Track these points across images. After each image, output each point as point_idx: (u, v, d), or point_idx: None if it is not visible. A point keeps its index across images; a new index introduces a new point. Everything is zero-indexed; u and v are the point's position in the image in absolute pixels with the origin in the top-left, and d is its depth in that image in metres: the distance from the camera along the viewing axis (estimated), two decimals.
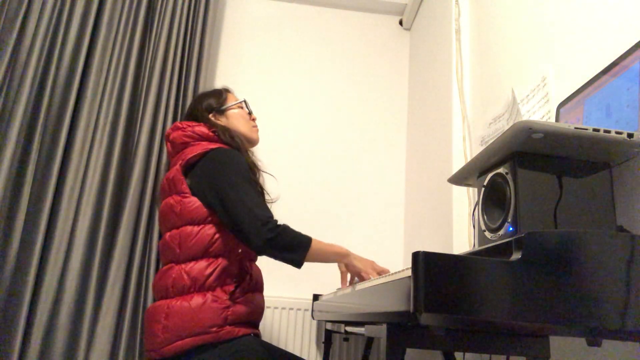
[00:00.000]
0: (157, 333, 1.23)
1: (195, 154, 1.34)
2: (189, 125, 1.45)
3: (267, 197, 1.49)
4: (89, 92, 2.20)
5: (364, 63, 2.66)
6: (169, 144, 1.50)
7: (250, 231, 1.22)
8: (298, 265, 1.27)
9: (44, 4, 2.24)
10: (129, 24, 2.31)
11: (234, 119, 1.56)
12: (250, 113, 1.63)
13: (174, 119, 2.25)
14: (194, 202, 1.31)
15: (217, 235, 1.30)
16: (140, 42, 2.30)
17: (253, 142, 1.60)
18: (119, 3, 2.33)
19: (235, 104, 1.59)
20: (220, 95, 1.61)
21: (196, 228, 1.30)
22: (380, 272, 1.34)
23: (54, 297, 1.97)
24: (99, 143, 2.16)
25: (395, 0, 2.67)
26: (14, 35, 2.19)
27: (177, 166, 1.36)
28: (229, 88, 1.69)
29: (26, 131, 2.11)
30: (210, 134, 1.44)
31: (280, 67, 2.58)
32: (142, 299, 2.04)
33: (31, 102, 2.14)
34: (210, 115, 1.54)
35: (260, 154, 2.39)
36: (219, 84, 2.50)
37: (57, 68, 2.18)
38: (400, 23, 2.74)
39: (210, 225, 1.30)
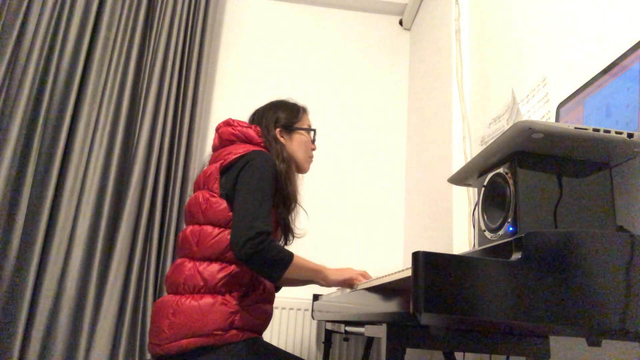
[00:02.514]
0: (163, 328, 1.23)
1: (236, 155, 1.33)
2: (240, 125, 1.44)
3: (295, 231, 1.48)
4: (89, 92, 2.21)
5: (364, 63, 2.66)
6: (216, 135, 1.49)
7: (236, 241, 1.21)
8: (274, 281, 1.26)
9: (44, 4, 2.24)
10: (129, 24, 2.32)
11: (297, 143, 1.51)
12: (313, 141, 1.58)
13: (174, 119, 2.25)
14: (221, 203, 1.31)
15: None
16: (140, 42, 2.30)
17: (302, 171, 1.56)
18: (119, 3, 2.33)
19: (305, 129, 1.53)
20: (297, 113, 1.54)
21: (217, 230, 1.29)
22: (363, 275, 1.33)
23: (54, 297, 1.97)
24: (99, 143, 2.16)
25: (395, 0, 2.67)
26: (14, 35, 2.19)
27: (217, 164, 1.36)
28: (307, 109, 1.60)
29: (26, 131, 2.11)
30: (258, 138, 1.43)
31: (280, 67, 2.58)
32: (142, 299, 2.04)
33: (31, 102, 2.14)
34: (277, 130, 1.48)
35: None
36: (219, 84, 2.51)
37: (57, 68, 2.19)
38: (400, 23, 2.74)
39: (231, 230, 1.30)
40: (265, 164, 1.32)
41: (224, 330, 1.21)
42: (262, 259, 1.21)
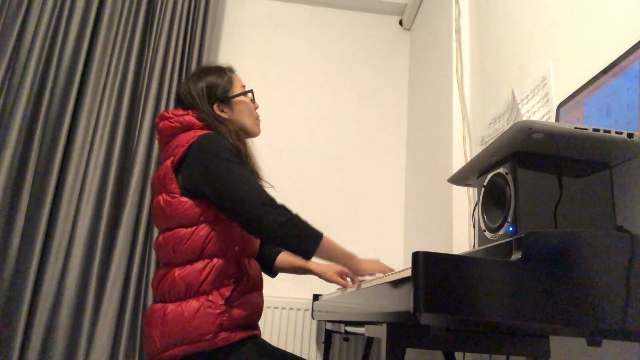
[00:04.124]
0: (154, 339, 1.20)
1: (183, 149, 1.26)
2: (175, 115, 1.34)
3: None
4: (89, 92, 2.21)
5: (364, 63, 2.66)
6: (157, 132, 1.41)
7: (261, 213, 1.14)
8: (309, 255, 1.18)
9: (44, 4, 2.24)
10: (129, 24, 2.32)
11: (239, 111, 1.39)
12: (253, 101, 1.45)
13: None
14: (184, 203, 1.24)
15: (210, 235, 1.23)
16: (140, 42, 2.30)
17: (254, 136, 1.45)
18: (119, 3, 2.33)
19: (242, 94, 1.41)
20: (227, 79, 1.40)
21: (189, 230, 1.24)
22: (387, 271, 1.32)
23: (54, 297, 1.97)
24: (99, 143, 2.16)
25: (395, 0, 2.68)
26: (14, 35, 2.19)
27: (168, 163, 1.29)
28: (233, 68, 1.46)
29: (26, 131, 2.11)
30: (199, 122, 1.32)
31: (280, 67, 2.58)
32: (142, 299, 2.04)
33: (31, 102, 2.14)
34: (215, 106, 1.36)
35: (261, 153, 2.40)
36: None
37: (57, 68, 2.19)
38: (400, 23, 2.74)
39: (203, 225, 1.24)
40: (220, 143, 1.24)
41: (214, 334, 1.17)
42: (293, 229, 1.15)
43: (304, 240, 1.18)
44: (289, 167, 2.46)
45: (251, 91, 1.45)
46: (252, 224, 1.18)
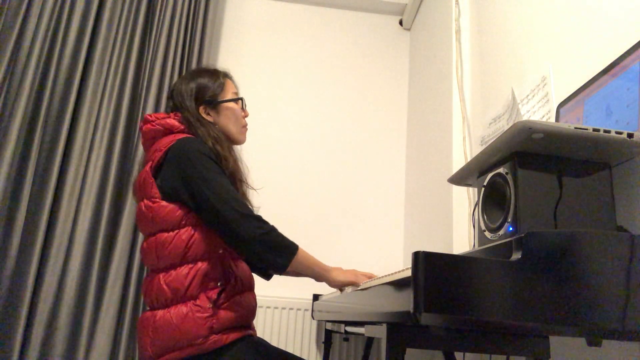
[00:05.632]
0: (146, 347, 1.20)
1: (161, 154, 1.26)
2: (157, 118, 1.34)
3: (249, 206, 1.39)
4: (89, 92, 2.21)
5: (364, 63, 2.66)
6: (141, 136, 1.40)
7: (237, 225, 1.15)
8: (281, 270, 1.21)
9: (44, 4, 2.24)
10: (129, 24, 2.32)
11: (225, 117, 1.39)
12: (243, 109, 1.45)
13: None
14: (165, 207, 1.23)
15: (193, 239, 1.22)
16: (140, 42, 2.30)
17: (237, 143, 1.44)
18: (119, 3, 2.33)
19: (231, 100, 1.41)
20: (219, 83, 1.40)
21: (171, 234, 1.22)
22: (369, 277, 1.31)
23: (54, 297, 1.97)
24: (99, 143, 2.16)
25: (395, 0, 2.68)
26: (14, 35, 2.19)
27: (147, 168, 1.28)
28: (229, 74, 1.47)
29: (26, 131, 2.11)
30: (179, 125, 1.32)
31: (280, 67, 2.58)
32: (142, 300, 2.04)
33: (31, 102, 2.14)
34: (201, 109, 1.36)
35: (262, 153, 2.40)
36: None
37: (57, 68, 2.19)
38: (400, 23, 2.74)
39: (185, 229, 1.23)
40: (196, 148, 1.24)
41: (204, 338, 1.16)
42: (269, 242, 1.16)
43: (278, 253, 1.19)
44: (289, 167, 2.46)
45: (241, 99, 1.45)
46: (229, 234, 1.19)
